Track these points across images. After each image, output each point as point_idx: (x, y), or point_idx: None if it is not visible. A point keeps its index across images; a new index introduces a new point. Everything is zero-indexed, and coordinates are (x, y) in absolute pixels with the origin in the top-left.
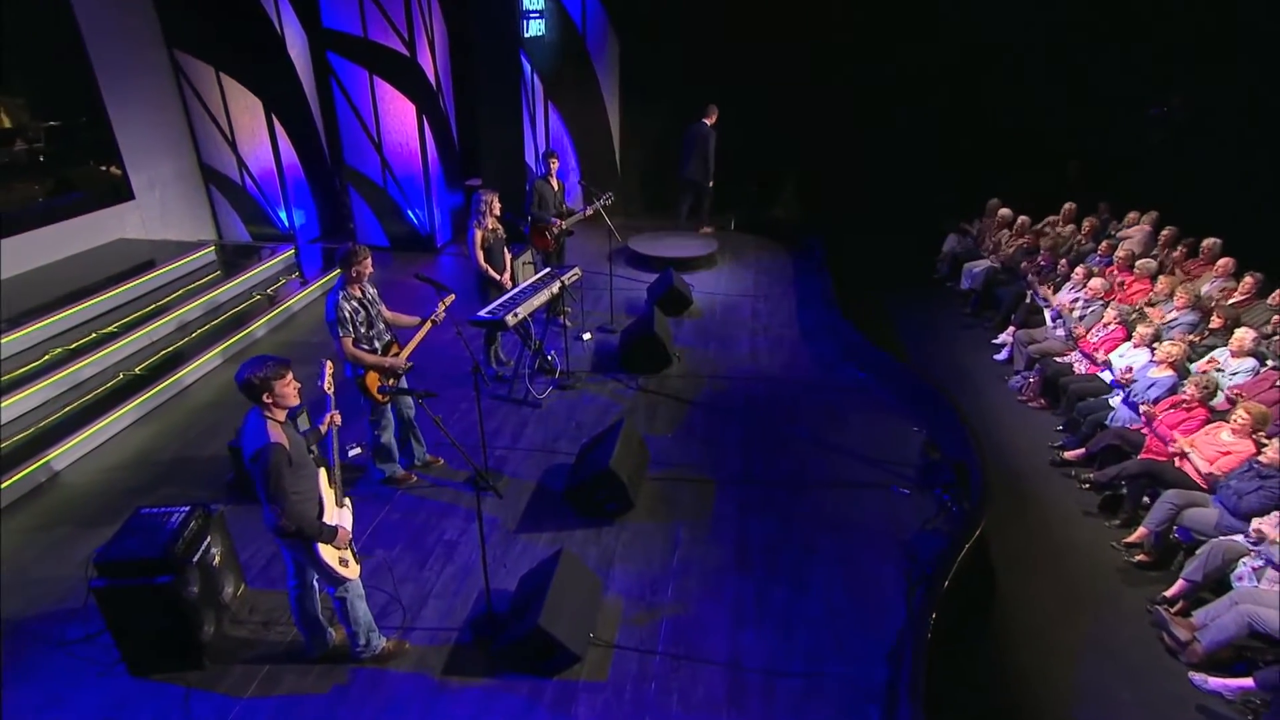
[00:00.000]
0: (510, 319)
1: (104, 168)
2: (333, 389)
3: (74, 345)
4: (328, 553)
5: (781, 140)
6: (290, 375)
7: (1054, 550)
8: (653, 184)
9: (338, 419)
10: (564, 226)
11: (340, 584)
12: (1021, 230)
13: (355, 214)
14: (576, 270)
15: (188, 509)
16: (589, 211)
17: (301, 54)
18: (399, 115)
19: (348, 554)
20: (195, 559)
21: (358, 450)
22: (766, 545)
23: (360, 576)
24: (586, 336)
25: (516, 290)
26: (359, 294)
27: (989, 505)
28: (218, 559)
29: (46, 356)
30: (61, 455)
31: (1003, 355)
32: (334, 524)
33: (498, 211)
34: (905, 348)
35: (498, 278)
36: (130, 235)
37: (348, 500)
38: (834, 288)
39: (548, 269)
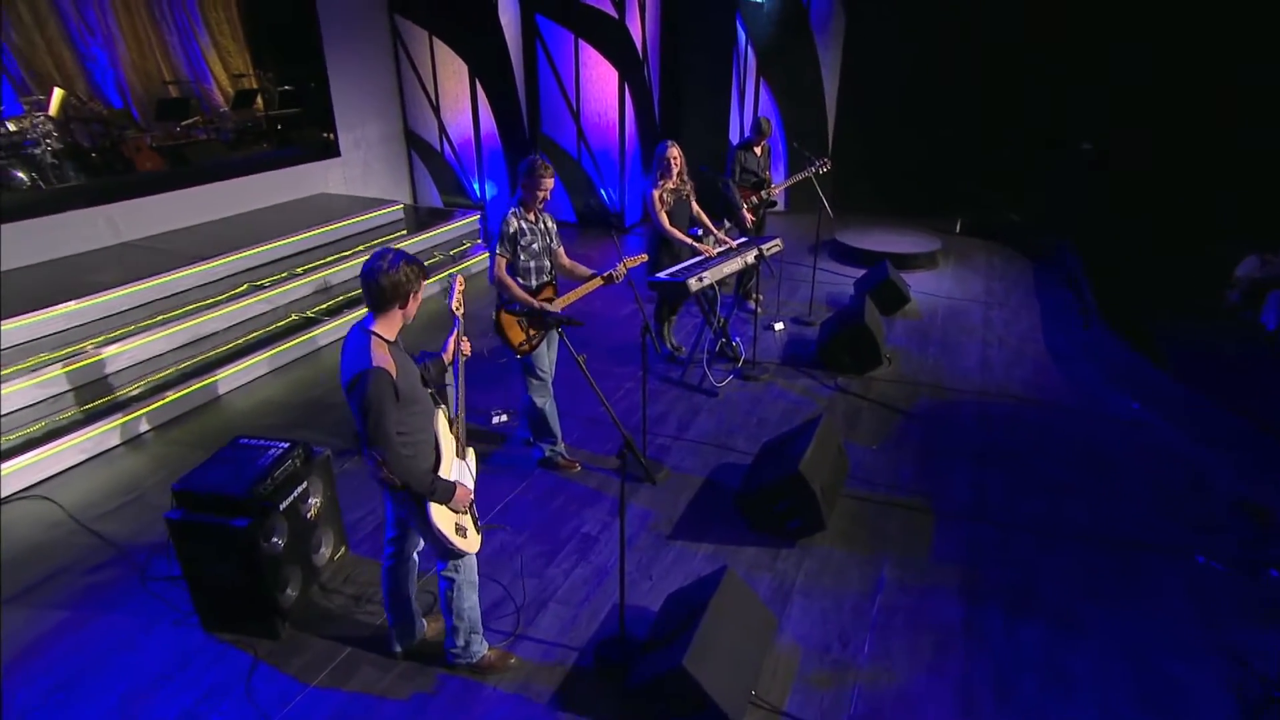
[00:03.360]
0: (694, 283)
1: (324, 134)
2: (462, 310)
3: (260, 281)
4: (441, 516)
5: (1025, 135)
6: (423, 284)
7: None
8: (868, 177)
9: (467, 347)
10: (765, 197)
11: (454, 559)
12: None
13: None
14: (777, 242)
15: (286, 445)
16: (800, 178)
17: (512, 20)
18: (600, 82)
19: (467, 520)
20: (284, 505)
21: (503, 417)
22: (1008, 606)
23: (479, 555)
24: (779, 327)
25: (705, 256)
26: (533, 219)
27: None
28: (314, 511)
29: (238, 289)
30: (215, 384)
31: None
32: (452, 479)
33: (681, 166)
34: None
35: (688, 241)
36: (332, 191)
37: (470, 451)
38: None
39: (744, 238)
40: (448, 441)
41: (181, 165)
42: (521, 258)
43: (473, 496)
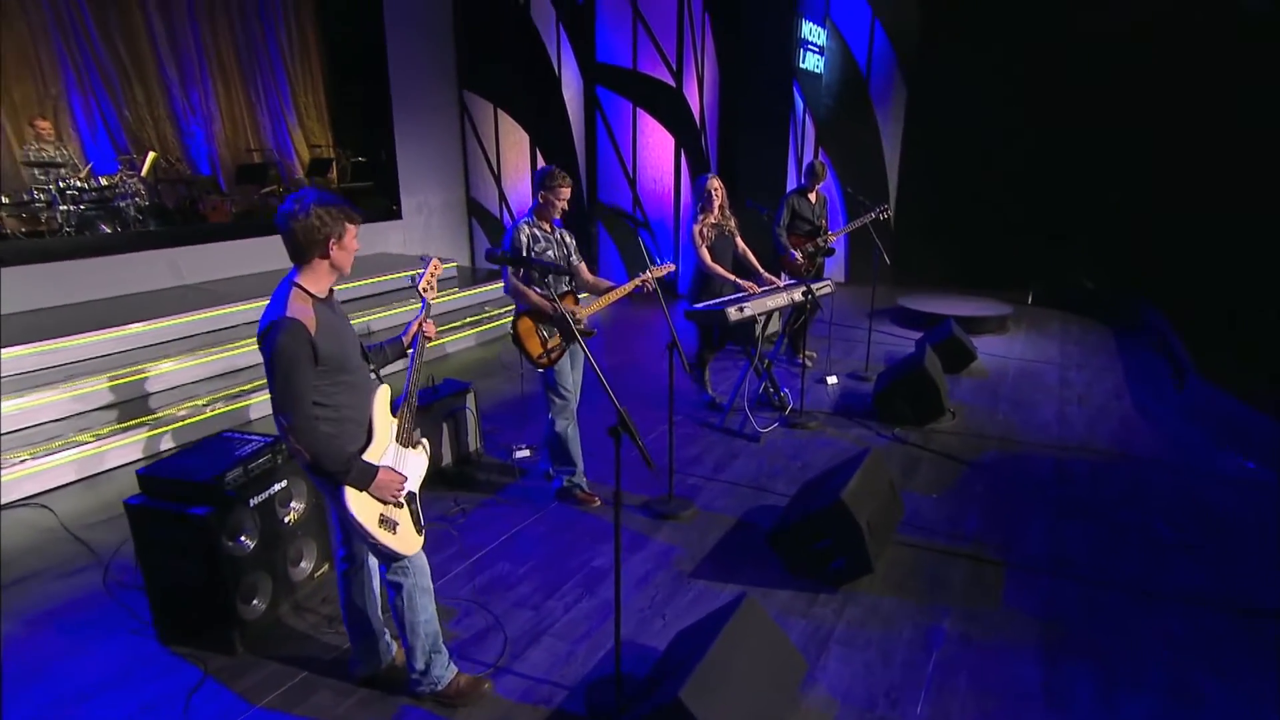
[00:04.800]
0: (734, 312)
1: (391, 206)
2: (433, 293)
3: None
4: (359, 504)
5: (1099, 202)
6: (358, 229)
7: None
8: (933, 249)
9: (431, 329)
10: (822, 245)
11: (389, 559)
12: None
13: (601, 253)
14: (829, 283)
15: (270, 439)
16: (858, 224)
17: (575, 95)
18: (657, 149)
19: (400, 515)
20: (255, 501)
21: (525, 452)
22: (1101, 670)
23: (428, 556)
24: (832, 380)
25: (747, 292)
26: (548, 229)
27: None
28: (293, 517)
29: None
30: (246, 409)
31: None
32: (378, 463)
33: (722, 199)
34: None
35: (730, 276)
36: (391, 251)
37: (424, 444)
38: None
39: (794, 280)
40: (385, 424)
41: (250, 219)
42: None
43: (405, 486)
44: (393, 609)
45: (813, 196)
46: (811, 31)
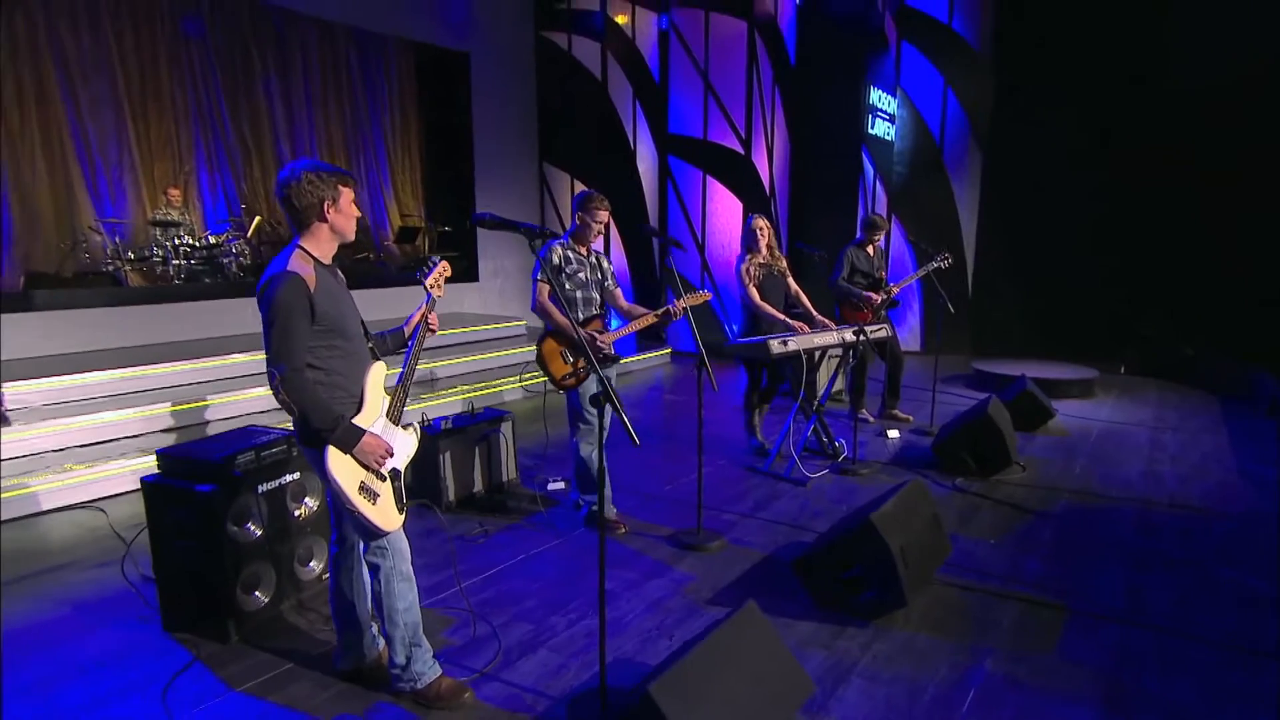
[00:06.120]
0: (776, 345)
1: (472, 270)
2: (441, 290)
3: None
4: (341, 467)
5: (1193, 267)
6: (354, 191)
7: None
8: (1015, 320)
9: (434, 320)
10: (885, 297)
11: (371, 538)
12: None
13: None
14: (884, 328)
15: (288, 432)
16: (920, 274)
17: (650, 168)
18: (725, 215)
19: (382, 488)
20: (263, 489)
21: (559, 484)
22: None
23: (409, 537)
24: (893, 434)
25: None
26: (584, 253)
27: None
28: (305, 513)
29: None
30: None
31: None
32: (365, 428)
33: (769, 238)
34: None
35: (779, 315)
36: (466, 310)
37: (414, 427)
38: None
39: (849, 325)
40: (376, 398)
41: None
42: (567, 286)
43: (389, 455)
44: (371, 595)
45: (871, 250)
46: (881, 99)
